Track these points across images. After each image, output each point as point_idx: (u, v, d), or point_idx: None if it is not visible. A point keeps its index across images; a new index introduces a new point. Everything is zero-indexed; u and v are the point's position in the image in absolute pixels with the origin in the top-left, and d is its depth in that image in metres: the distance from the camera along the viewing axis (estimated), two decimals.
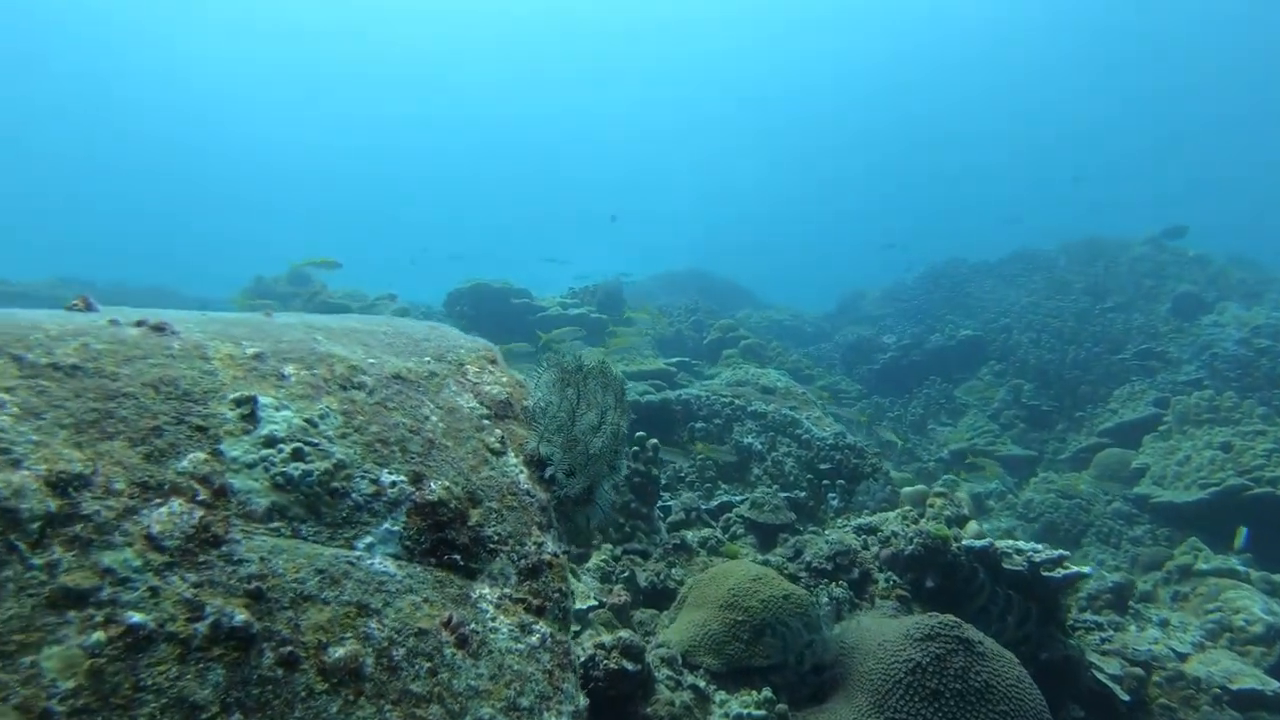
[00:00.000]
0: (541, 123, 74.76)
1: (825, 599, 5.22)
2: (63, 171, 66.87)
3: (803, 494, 7.19)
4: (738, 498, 6.83)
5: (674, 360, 12.17)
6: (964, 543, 5.35)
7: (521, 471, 2.17)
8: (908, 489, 6.21)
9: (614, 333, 9.07)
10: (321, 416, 1.87)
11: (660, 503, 6.11)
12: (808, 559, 5.56)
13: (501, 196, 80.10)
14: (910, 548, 5.36)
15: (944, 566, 5.31)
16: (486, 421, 2.22)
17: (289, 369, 1.93)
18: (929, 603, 5.29)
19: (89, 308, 2.09)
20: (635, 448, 5.68)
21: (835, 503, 7.09)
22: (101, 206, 69.76)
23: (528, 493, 2.13)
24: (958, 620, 4.38)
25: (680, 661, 4.49)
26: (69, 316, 1.89)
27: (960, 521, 5.70)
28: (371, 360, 2.13)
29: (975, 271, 21.09)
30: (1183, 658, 5.89)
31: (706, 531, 5.80)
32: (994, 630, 5.07)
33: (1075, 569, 5.28)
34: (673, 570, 5.31)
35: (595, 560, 5.08)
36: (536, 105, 73.38)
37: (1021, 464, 11.93)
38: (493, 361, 2.47)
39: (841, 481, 7.24)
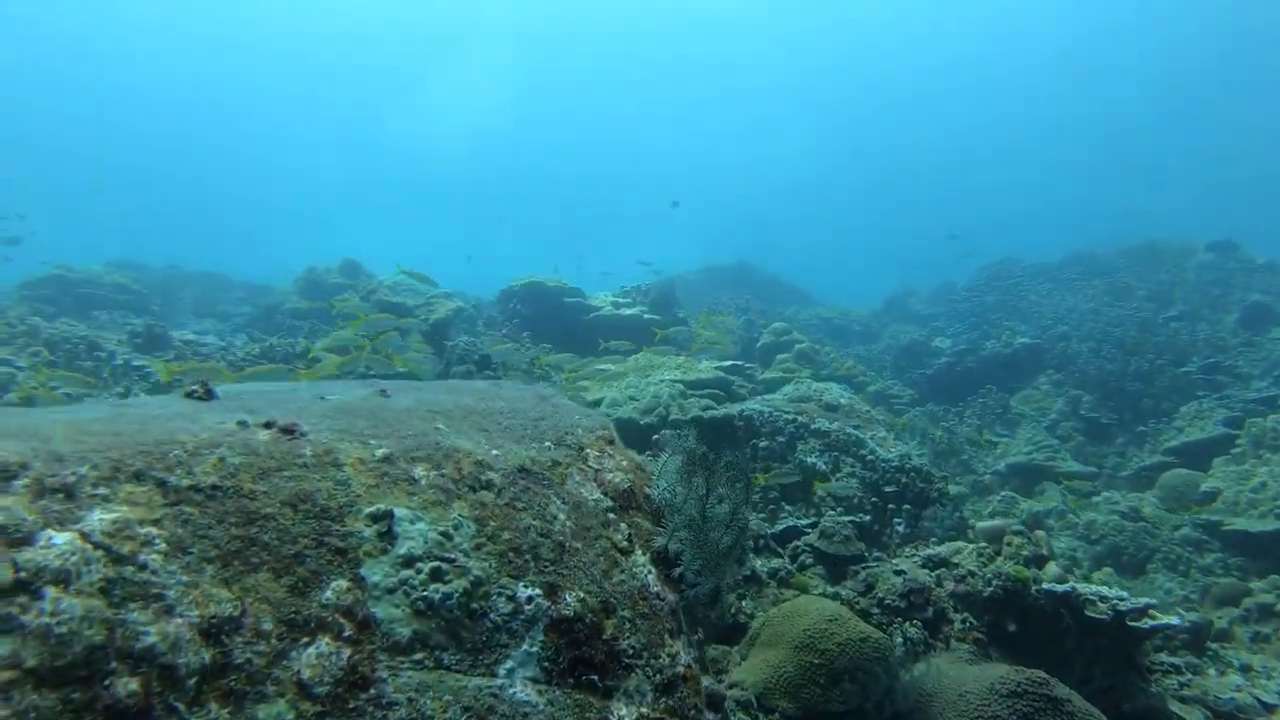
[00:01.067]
0: (572, 120, 74.52)
1: (899, 639, 5.08)
2: (108, 158, 68.35)
3: (867, 518, 7.03)
4: (802, 522, 6.69)
5: (726, 364, 12.03)
6: (1045, 586, 5.16)
7: (650, 572, 2.07)
8: (983, 524, 6.02)
9: (699, 335, 8.95)
10: (455, 527, 1.78)
11: None
12: (880, 595, 5.42)
13: (543, 195, 79.59)
14: (989, 590, 5.19)
15: (1024, 610, 5.13)
16: (612, 515, 2.12)
17: (418, 470, 1.85)
18: (1007, 647, 5.13)
19: (208, 394, 2.03)
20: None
21: (901, 529, 6.92)
22: (148, 191, 71.20)
23: (658, 596, 2.03)
24: (1045, 677, 4.22)
25: (755, 705, 4.39)
26: (197, 415, 1.82)
27: (1039, 561, 5.50)
28: (495, 451, 2.04)
29: (1031, 274, 20.55)
30: (1270, 709, 5.65)
31: (776, 562, 5.68)
32: (1077, 680, 4.90)
33: (1164, 620, 5.07)
34: (743, 603, 5.20)
35: None
36: (563, 103, 73.08)
37: (1081, 481, 11.59)
38: (610, 442, 2.37)
39: (907, 506, 7.07)
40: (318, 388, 2.31)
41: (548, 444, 2.20)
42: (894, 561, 6.40)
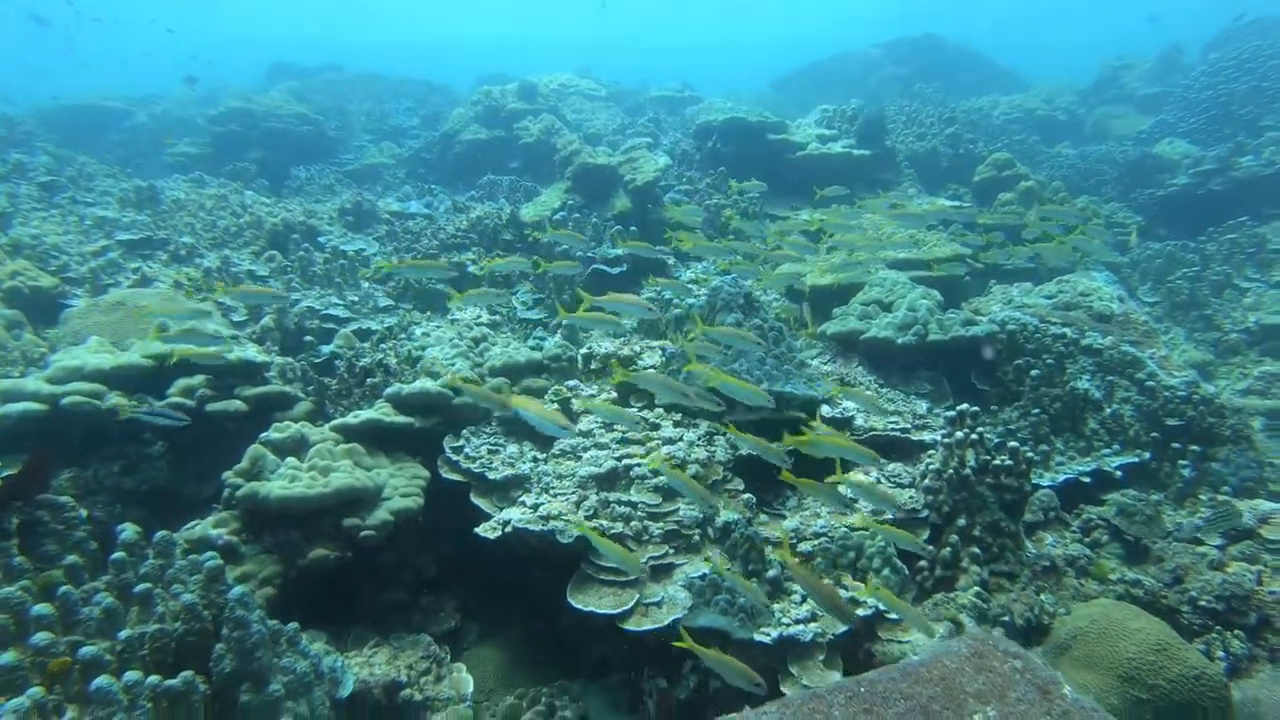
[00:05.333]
0: None
1: (1220, 652, 4.80)
2: None
3: (1148, 456, 6.49)
4: (1082, 470, 6.24)
5: (951, 204, 10.96)
6: None
7: None
8: None
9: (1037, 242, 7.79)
10: None
11: None
12: (1192, 593, 5.07)
13: None
14: None
15: None
16: None
17: None
18: None
19: None
20: (1007, 459, 5.14)
21: (1188, 473, 6.36)
22: None
23: None
24: None
25: None
26: None
27: None
28: None
29: None
30: None
31: (1074, 548, 5.34)
32: None
33: None
34: (1041, 597, 4.98)
35: (968, 592, 4.81)
36: None
37: None
38: None
39: (1195, 447, 6.44)
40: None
41: None
42: (1184, 522, 5.95)
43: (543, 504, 4.72)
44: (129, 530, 3.96)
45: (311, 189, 11.55)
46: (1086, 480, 6.21)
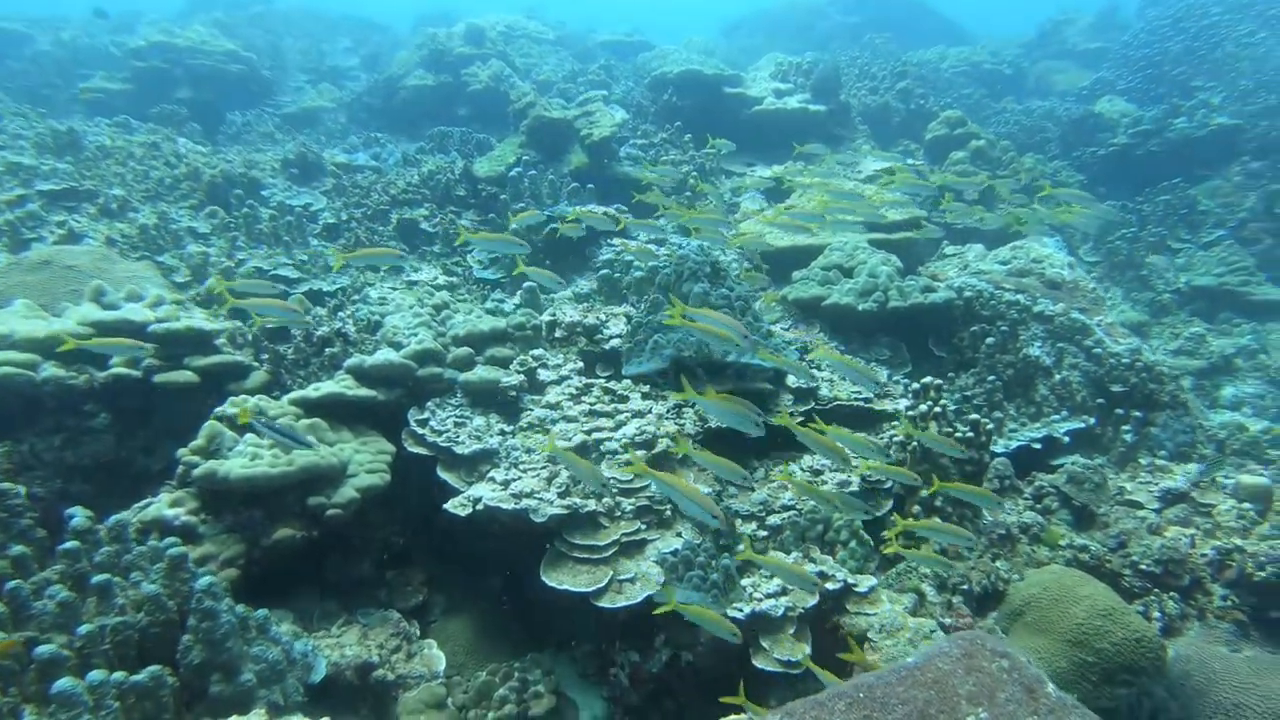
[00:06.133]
0: None
1: (1157, 614, 5.07)
2: None
3: (1093, 421, 6.73)
4: (1033, 436, 6.45)
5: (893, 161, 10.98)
6: None
7: None
8: (1248, 480, 5.67)
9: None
10: None
11: None
12: (1134, 556, 5.32)
13: None
14: (1263, 575, 5.03)
15: None
16: None
17: None
18: (1271, 628, 5.09)
19: None
20: (968, 430, 5.27)
21: (1130, 438, 6.62)
22: None
23: None
24: None
25: None
26: None
27: None
28: None
29: (1231, 9, 17.42)
30: None
31: (1028, 516, 5.53)
32: None
33: None
34: (997, 564, 5.17)
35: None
36: None
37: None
38: None
39: (1137, 413, 6.70)
40: None
41: None
42: (1127, 486, 6.22)
43: (514, 480, 4.66)
44: (79, 516, 3.77)
45: (250, 136, 10.93)
46: (1037, 446, 6.42)
